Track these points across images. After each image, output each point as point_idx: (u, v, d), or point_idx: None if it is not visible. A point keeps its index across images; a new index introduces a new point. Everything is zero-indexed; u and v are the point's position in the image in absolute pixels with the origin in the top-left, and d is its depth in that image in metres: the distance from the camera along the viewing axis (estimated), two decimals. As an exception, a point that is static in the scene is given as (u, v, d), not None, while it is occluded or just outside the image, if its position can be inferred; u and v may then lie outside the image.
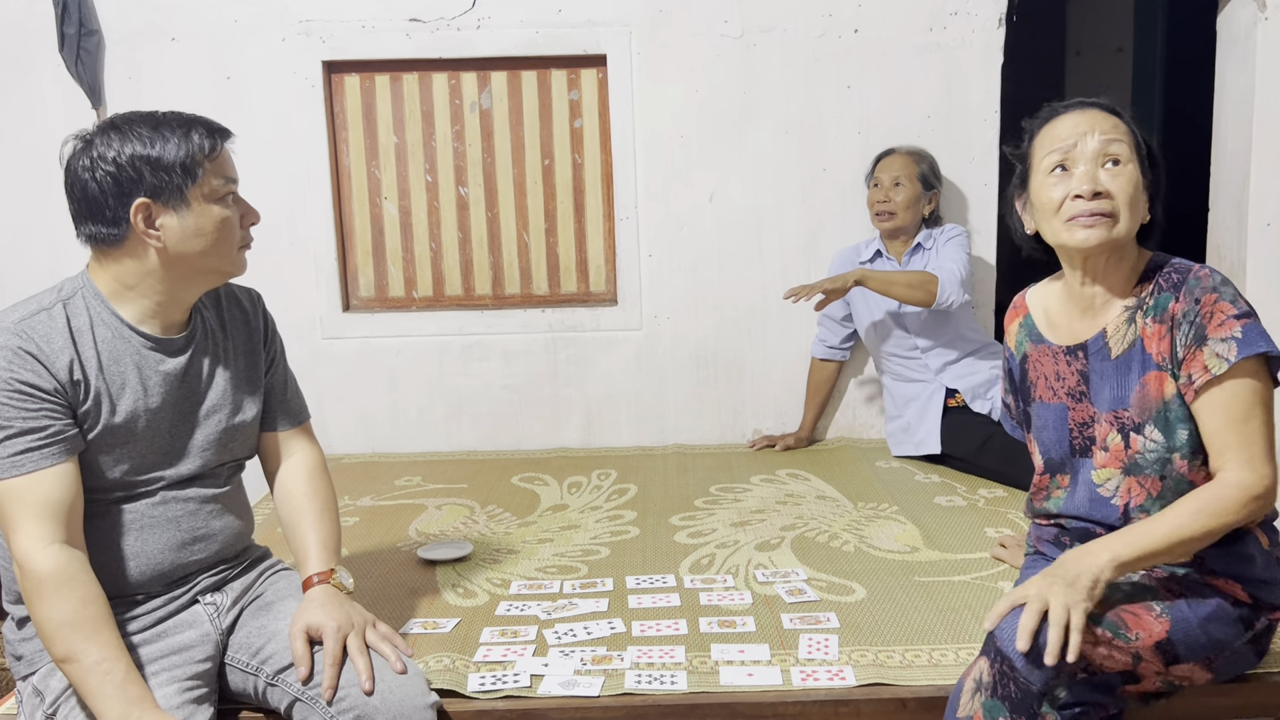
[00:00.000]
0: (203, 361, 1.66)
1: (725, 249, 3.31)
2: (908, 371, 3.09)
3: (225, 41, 3.16)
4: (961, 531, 2.43)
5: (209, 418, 1.66)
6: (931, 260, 2.98)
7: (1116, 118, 1.59)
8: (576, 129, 3.32)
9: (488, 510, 2.73)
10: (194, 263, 1.55)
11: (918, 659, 1.77)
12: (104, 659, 1.40)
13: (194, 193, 1.52)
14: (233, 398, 1.69)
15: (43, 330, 1.48)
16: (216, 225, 1.55)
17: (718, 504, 2.72)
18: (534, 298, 3.41)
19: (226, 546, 1.71)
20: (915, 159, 3.04)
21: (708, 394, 3.38)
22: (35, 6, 3.12)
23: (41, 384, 1.45)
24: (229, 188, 1.57)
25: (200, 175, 1.52)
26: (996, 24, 3.16)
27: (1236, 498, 1.48)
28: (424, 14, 3.18)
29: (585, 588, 2.14)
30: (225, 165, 1.57)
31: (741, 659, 1.78)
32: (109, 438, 1.53)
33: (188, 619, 1.63)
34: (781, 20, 3.18)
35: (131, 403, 1.55)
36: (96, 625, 1.41)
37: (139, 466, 1.58)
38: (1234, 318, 1.50)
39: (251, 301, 1.79)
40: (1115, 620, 1.47)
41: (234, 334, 1.73)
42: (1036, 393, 1.74)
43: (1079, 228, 1.55)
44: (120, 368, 1.54)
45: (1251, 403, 1.50)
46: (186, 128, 1.52)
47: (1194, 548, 1.49)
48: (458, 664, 1.78)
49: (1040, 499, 1.75)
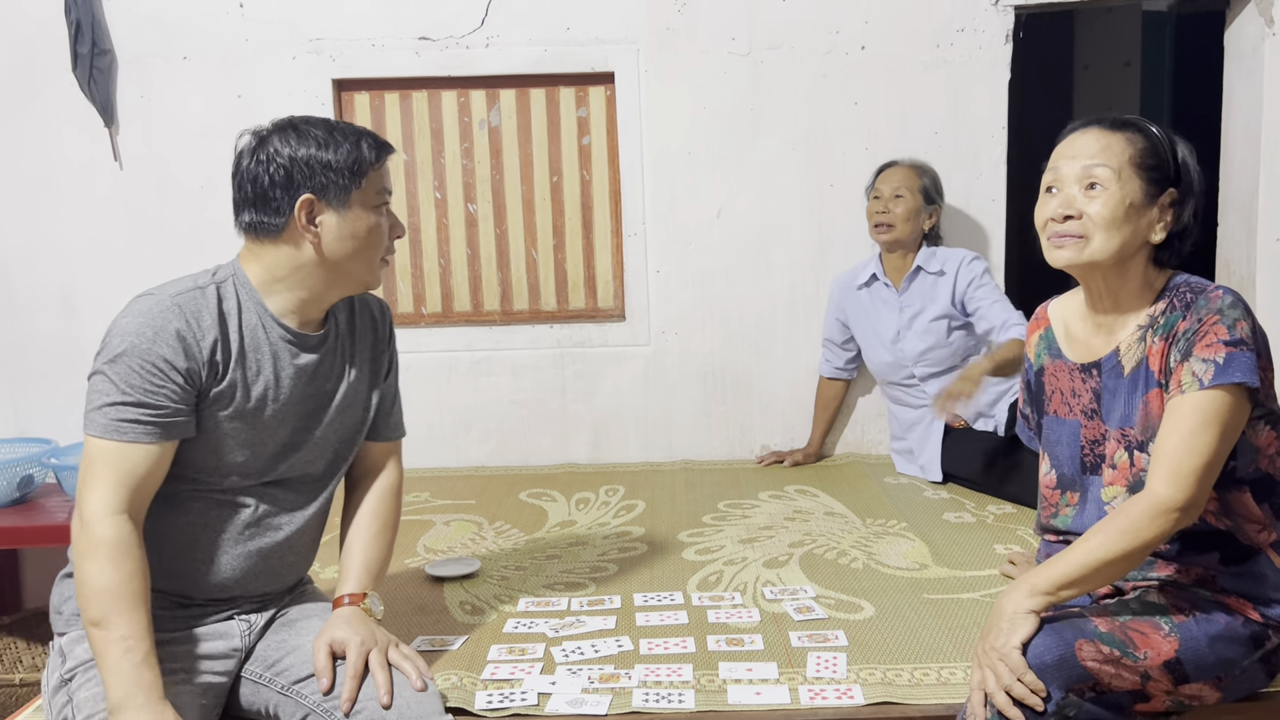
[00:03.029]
0: (332, 362, 1.71)
1: (733, 265, 3.31)
2: (907, 398, 3.08)
3: (237, 60, 3.19)
4: (971, 548, 2.42)
5: (332, 420, 1.71)
6: (983, 312, 2.87)
7: (1125, 133, 1.58)
8: (585, 146, 3.34)
9: (495, 526, 2.73)
10: (342, 264, 1.62)
11: (926, 677, 1.76)
12: (130, 635, 1.43)
13: (356, 197, 1.60)
14: (355, 401, 1.74)
15: (195, 307, 1.54)
16: (369, 230, 1.62)
17: (726, 520, 2.72)
18: (542, 313, 3.41)
19: (284, 584, 1.76)
20: (917, 172, 3.02)
21: (716, 409, 3.38)
22: (48, 27, 3.15)
23: (177, 363, 1.50)
24: (384, 198, 1.65)
25: (364, 182, 1.61)
26: (1004, 40, 3.16)
27: (1146, 512, 1.46)
28: (433, 32, 3.20)
29: (593, 605, 2.13)
30: (385, 177, 1.66)
31: (749, 677, 1.77)
32: (239, 420, 1.58)
33: (220, 630, 1.66)
34: (789, 37, 3.20)
35: (262, 389, 1.60)
36: (134, 601, 1.45)
37: (257, 456, 1.62)
38: (1223, 343, 1.48)
39: (381, 310, 1.84)
40: (1123, 639, 1.46)
41: (361, 340, 1.78)
42: (1051, 406, 1.74)
43: (1053, 248, 1.61)
44: (258, 355, 1.60)
45: (1204, 423, 1.47)
46: (357, 137, 1.61)
47: (1121, 568, 1.48)
48: (465, 681, 1.78)
49: (1049, 515, 1.75)
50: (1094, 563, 1.46)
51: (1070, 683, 1.42)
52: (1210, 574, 1.58)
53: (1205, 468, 1.47)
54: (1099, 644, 1.44)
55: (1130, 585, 1.63)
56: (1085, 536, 1.50)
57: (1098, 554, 1.46)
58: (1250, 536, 1.58)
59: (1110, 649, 1.44)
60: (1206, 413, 1.47)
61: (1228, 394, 1.47)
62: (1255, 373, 1.48)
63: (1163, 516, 1.46)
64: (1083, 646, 1.43)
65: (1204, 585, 1.58)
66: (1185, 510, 1.46)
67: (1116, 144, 1.58)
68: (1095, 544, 1.47)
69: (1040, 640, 1.43)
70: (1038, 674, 1.41)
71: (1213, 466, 1.48)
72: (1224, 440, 1.48)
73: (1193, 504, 1.47)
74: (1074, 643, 1.43)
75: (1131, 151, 1.57)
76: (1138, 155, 1.57)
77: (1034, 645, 1.43)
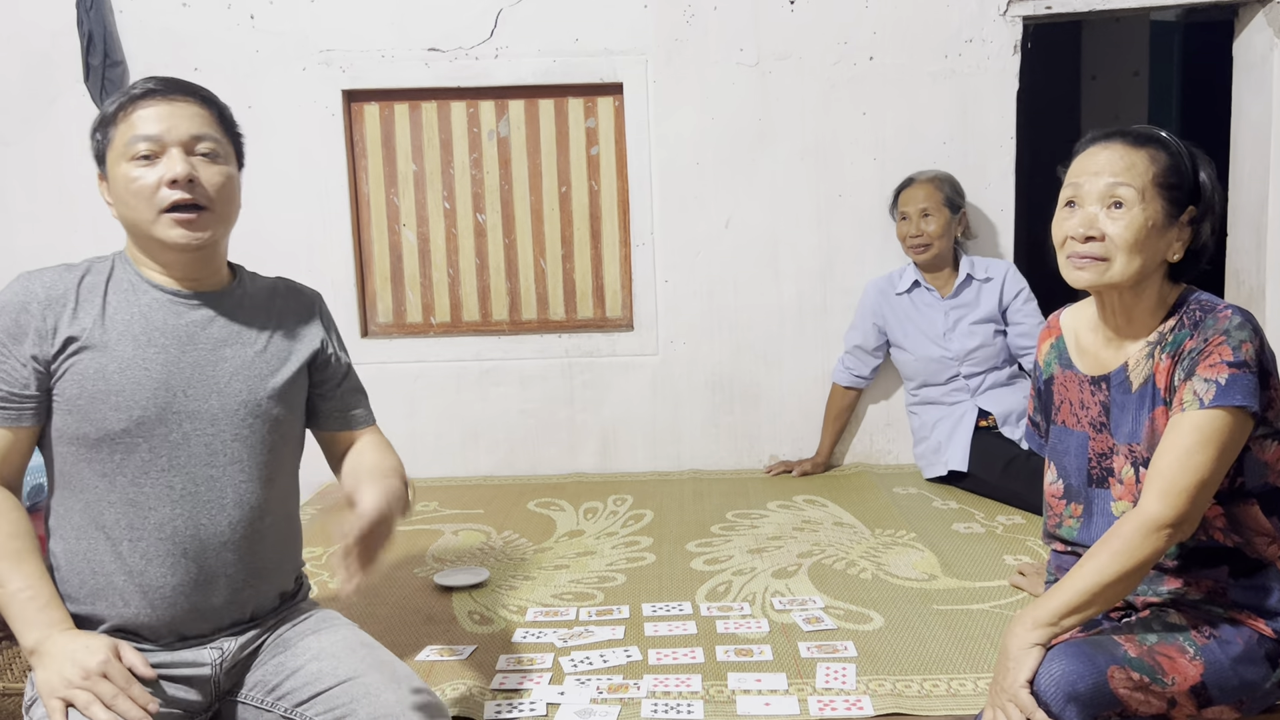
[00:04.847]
0: (228, 325, 1.58)
1: (741, 274, 3.31)
2: (944, 396, 3.10)
3: (247, 71, 3.21)
4: (980, 559, 2.41)
5: (228, 383, 1.54)
6: (1026, 330, 3.03)
7: (1148, 149, 1.55)
8: (593, 156, 3.35)
9: (504, 536, 2.73)
10: (131, 225, 1.54)
11: (936, 689, 1.76)
12: (27, 585, 1.43)
13: (111, 154, 1.52)
14: (260, 372, 1.58)
15: (45, 282, 1.51)
16: (124, 183, 1.50)
17: (734, 530, 2.71)
18: (550, 323, 3.42)
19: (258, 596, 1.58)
20: (937, 184, 3.05)
21: (724, 419, 3.38)
22: (60, 38, 3.18)
23: (9, 341, 1.47)
24: (137, 147, 1.49)
25: (114, 133, 1.52)
26: (1011, 50, 3.17)
27: (1137, 530, 1.45)
28: (443, 44, 3.22)
29: (601, 615, 2.13)
30: (140, 122, 1.51)
31: (759, 688, 1.77)
32: (101, 384, 1.47)
33: (189, 658, 1.52)
34: (797, 48, 3.20)
35: (132, 352, 1.50)
36: (20, 556, 1.44)
37: (143, 418, 1.49)
38: (1227, 364, 1.47)
39: (311, 298, 1.73)
40: (1152, 664, 1.45)
41: (279, 315, 1.65)
42: (1060, 416, 1.73)
43: (1072, 268, 1.58)
44: (127, 317, 1.52)
45: (1201, 442, 1.46)
46: (130, 89, 1.53)
47: (1120, 588, 1.46)
48: (474, 691, 1.78)
49: (1053, 524, 1.74)
50: (1092, 588, 1.45)
51: (1098, 710, 1.40)
52: (1220, 587, 1.57)
53: (1198, 486, 1.46)
54: (1130, 670, 1.42)
55: (1141, 601, 1.62)
56: (1081, 562, 1.49)
57: (1094, 578, 1.45)
58: (1260, 550, 1.57)
59: (1140, 675, 1.43)
60: (1205, 432, 1.46)
61: (1227, 415, 1.46)
62: (1256, 396, 1.47)
63: (1154, 534, 1.45)
64: (1115, 674, 1.41)
65: (1214, 600, 1.57)
66: (1176, 527, 1.45)
67: (1140, 162, 1.54)
68: (1090, 569, 1.46)
69: (1072, 666, 1.41)
70: (1069, 701, 1.39)
71: (1207, 485, 1.47)
72: (1220, 460, 1.47)
73: (1184, 521, 1.46)
74: (1106, 670, 1.41)
75: (1155, 170, 1.54)
76: (1160, 174, 1.54)
77: (1066, 672, 1.40)
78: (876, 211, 3.24)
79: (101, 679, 1.37)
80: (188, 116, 1.53)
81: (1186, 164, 1.57)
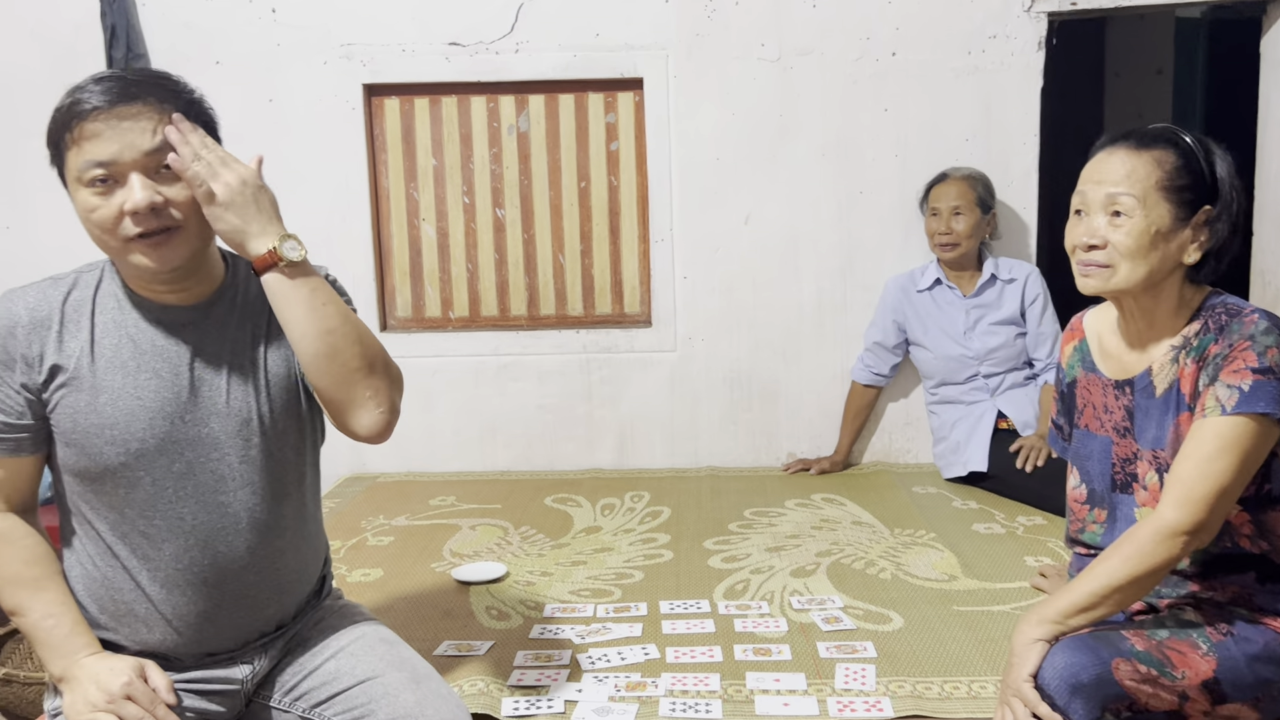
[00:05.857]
0: (220, 338, 1.47)
1: (760, 271, 3.30)
2: (963, 396, 3.08)
3: (269, 65, 3.21)
4: (1001, 560, 2.40)
5: (227, 404, 1.44)
6: (1042, 335, 3.03)
7: (1154, 151, 1.53)
8: (613, 151, 3.34)
9: (521, 531, 2.73)
10: (101, 248, 1.40)
11: (956, 690, 1.75)
12: (49, 613, 1.41)
13: (68, 176, 1.36)
14: (258, 384, 1.47)
15: (29, 304, 1.41)
16: (84, 214, 1.36)
17: (752, 528, 2.70)
18: (569, 319, 3.41)
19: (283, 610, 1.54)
20: (970, 183, 3.03)
21: (742, 416, 3.37)
22: (84, 31, 3.19)
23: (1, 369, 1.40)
24: (92, 173, 1.32)
25: (66, 157, 1.35)
26: (1036, 46, 3.14)
27: (1152, 536, 1.44)
28: (463, 38, 3.22)
29: (619, 612, 2.13)
30: (91, 146, 1.32)
31: (777, 688, 1.76)
32: (94, 417, 1.39)
33: (220, 674, 1.50)
34: (819, 43, 3.18)
35: (122, 381, 1.40)
36: (41, 584, 1.42)
37: (142, 450, 1.40)
38: (1251, 370, 1.46)
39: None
40: (1161, 658, 1.44)
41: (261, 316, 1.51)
42: (1083, 420, 1.71)
43: (1081, 275, 1.60)
44: (115, 342, 1.42)
45: (1223, 449, 1.44)
46: (75, 96, 1.32)
47: (1131, 593, 1.46)
48: (491, 687, 1.78)
49: (1076, 529, 1.73)
50: (1101, 590, 1.45)
51: (1106, 702, 1.40)
52: (1247, 592, 1.55)
53: (1218, 494, 1.44)
54: (1136, 663, 1.42)
55: (1164, 603, 1.60)
56: (1094, 563, 1.48)
57: (1104, 580, 1.45)
58: (1289, 554, 1.55)
59: (1148, 668, 1.42)
60: (1226, 439, 1.45)
61: (1251, 422, 1.45)
62: (1277, 403, 1.45)
63: (1170, 540, 1.44)
64: (1119, 665, 1.41)
65: (1241, 604, 1.55)
66: (1193, 535, 1.44)
67: (1143, 167, 1.53)
68: (1101, 571, 1.46)
69: (1076, 658, 1.41)
70: (1073, 693, 1.38)
71: (1227, 493, 1.45)
72: (1242, 468, 1.45)
73: (1201, 529, 1.44)
74: (1110, 661, 1.41)
75: (1159, 174, 1.52)
76: (1166, 177, 1.53)
77: (1069, 664, 1.40)
78: (897, 209, 3.22)
79: (126, 701, 1.37)
80: (141, 131, 1.34)
81: (1200, 162, 1.55)
